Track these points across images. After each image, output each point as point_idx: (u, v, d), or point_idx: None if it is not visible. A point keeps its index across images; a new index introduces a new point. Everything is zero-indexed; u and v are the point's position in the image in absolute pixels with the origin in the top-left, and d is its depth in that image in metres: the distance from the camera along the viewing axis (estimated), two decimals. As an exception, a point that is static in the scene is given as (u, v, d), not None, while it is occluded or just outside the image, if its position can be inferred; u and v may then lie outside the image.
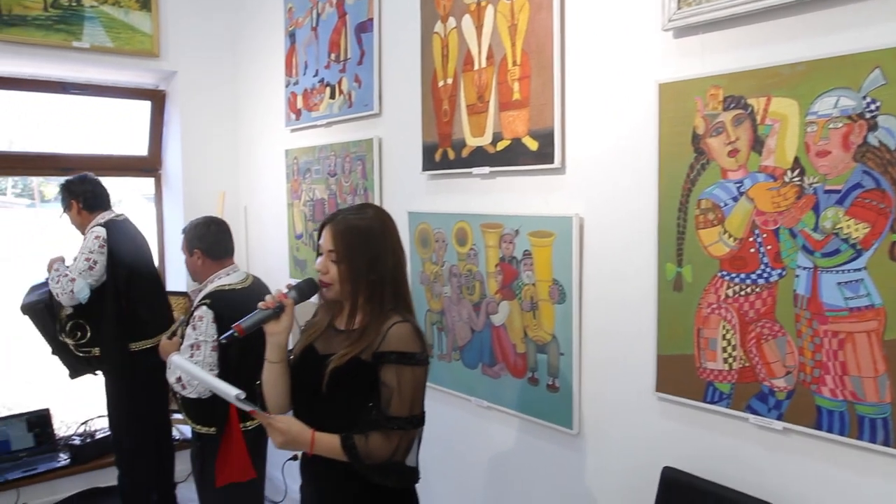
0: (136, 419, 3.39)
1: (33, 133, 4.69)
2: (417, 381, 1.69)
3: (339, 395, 1.67)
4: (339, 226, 1.71)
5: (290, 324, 1.75)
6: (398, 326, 1.67)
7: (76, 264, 3.15)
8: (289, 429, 1.63)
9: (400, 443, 1.65)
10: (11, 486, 3.68)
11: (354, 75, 3.01)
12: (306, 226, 3.46)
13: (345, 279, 1.70)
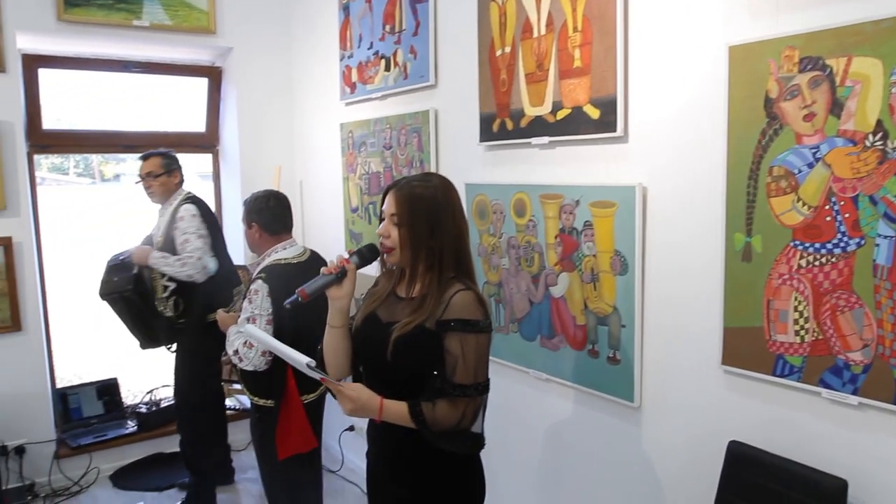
0: (200, 386, 3.51)
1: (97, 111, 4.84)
2: (481, 349, 1.68)
3: (403, 362, 1.68)
4: (403, 190, 1.71)
5: (352, 289, 1.77)
6: (461, 294, 1.67)
7: (192, 244, 3.24)
8: (358, 396, 1.65)
9: (466, 410, 1.66)
10: (84, 451, 3.85)
11: (410, 47, 2.99)
12: (362, 199, 3.48)
13: (405, 243, 1.70)
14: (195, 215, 3.32)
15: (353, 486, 3.75)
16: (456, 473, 1.77)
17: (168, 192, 3.44)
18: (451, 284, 1.70)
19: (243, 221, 2.83)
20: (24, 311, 3.60)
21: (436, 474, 1.75)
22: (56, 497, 3.68)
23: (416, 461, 1.74)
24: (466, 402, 1.65)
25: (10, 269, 3.52)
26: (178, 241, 3.28)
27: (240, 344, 2.59)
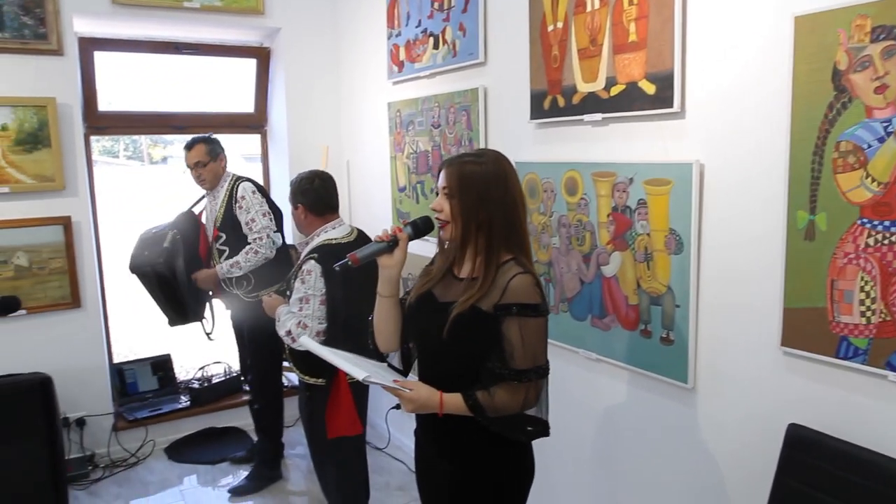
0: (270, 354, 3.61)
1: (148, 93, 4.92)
2: (540, 332, 1.67)
3: (460, 342, 1.68)
4: (454, 164, 1.71)
5: (402, 258, 1.78)
6: (519, 278, 1.65)
7: (258, 223, 3.33)
8: (418, 396, 1.66)
9: (527, 395, 1.65)
10: (140, 424, 3.98)
11: (459, 24, 2.96)
12: (409, 178, 3.48)
13: (456, 216, 1.69)
14: (255, 192, 3.41)
15: (400, 464, 3.80)
16: (505, 451, 1.76)
17: (217, 176, 3.52)
18: (509, 267, 1.68)
19: (290, 202, 2.85)
20: (83, 289, 3.71)
21: (485, 452, 1.74)
22: (115, 468, 3.82)
23: (464, 439, 1.74)
24: (527, 387, 1.65)
25: (69, 247, 3.63)
26: (243, 220, 3.36)
27: (293, 324, 2.61)
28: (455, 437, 1.75)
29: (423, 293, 1.80)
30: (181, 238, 3.50)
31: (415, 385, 1.68)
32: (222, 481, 3.70)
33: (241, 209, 3.37)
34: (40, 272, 3.58)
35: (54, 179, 3.54)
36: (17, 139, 3.44)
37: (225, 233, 3.44)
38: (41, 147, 3.49)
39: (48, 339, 3.61)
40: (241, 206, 3.37)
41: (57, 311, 3.64)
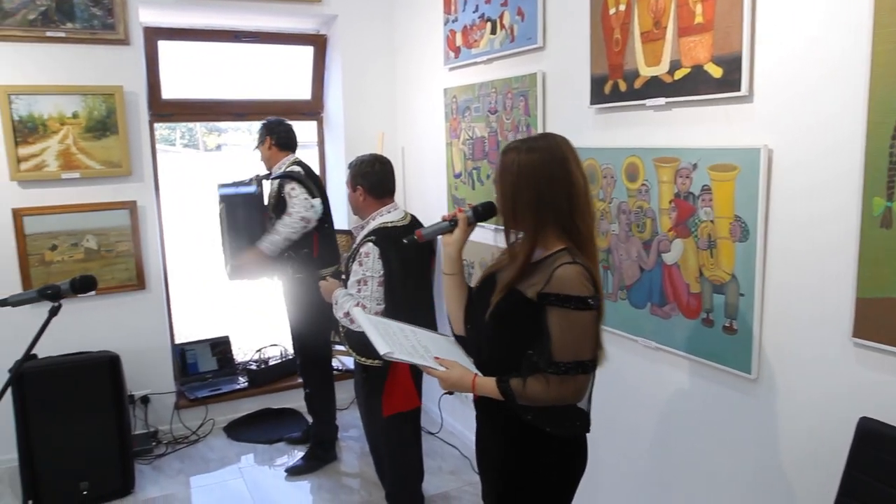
0: (322, 338, 3.72)
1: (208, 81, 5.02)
2: (583, 327, 1.61)
3: (501, 328, 1.68)
4: (505, 151, 1.71)
5: (461, 238, 1.82)
6: (565, 268, 1.60)
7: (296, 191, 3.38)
8: (448, 376, 1.68)
9: (562, 389, 1.61)
10: (201, 403, 4.10)
11: (517, 8, 2.94)
12: (465, 164, 3.48)
13: (500, 201, 1.70)
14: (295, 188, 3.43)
15: (452, 449, 3.83)
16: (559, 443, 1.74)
17: (269, 160, 3.63)
18: (559, 256, 1.64)
19: (347, 184, 2.88)
20: (148, 271, 3.83)
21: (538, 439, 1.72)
22: (177, 444, 3.95)
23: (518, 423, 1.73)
24: (563, 380, 1.61)
25: (135, 231, 3.75)
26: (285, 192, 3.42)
27: (351, 306, 2.65)
28: (508, 424, 1.74)
29: (487, 276, 1.81)
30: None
31: (451, 364, 1.69)
32: (278, 461, 3.79)
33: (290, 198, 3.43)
34: (108, 254, 3.72)
35: (121, 165, 3.66)
36: (86, 126, 3.57)
37: (275, 214, 3.51)
38: (109, 134, 3.61)
39: (115, 318, 3.75)
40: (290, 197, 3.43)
41: (123, 292, 3.77)
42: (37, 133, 3.48)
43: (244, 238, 3.45)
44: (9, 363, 3.26)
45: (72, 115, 3.53)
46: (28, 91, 3.43)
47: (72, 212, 3.61)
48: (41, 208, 3.54)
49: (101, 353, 3.43)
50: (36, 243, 3.55)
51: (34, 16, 3.41)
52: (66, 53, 3.50)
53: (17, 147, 3.44)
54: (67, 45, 3.50)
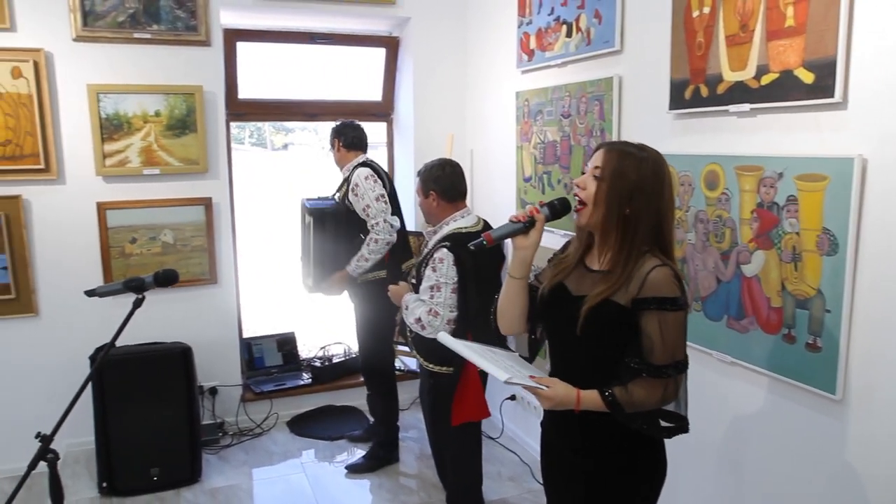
0: (384, 340, 3.74)
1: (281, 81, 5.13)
2: (679, 327, 1.62)
3: (594, 337, 1.65)
4: (615, 149, 1.66)
5: (538, 240, 1.74)
6: (658, 270, 1.60)
7: (373, 209, 3.41)
8: (555, 394, 1.63)
9: (666, 391, 1.61)
10: (266, 397, 4.19)
11: (594, 11, 2.89)
12: (536, 168, 3.44)
13: (601, 201, 1.64)
14: (368, 177, 3.47)
15: (512, 455, 3.79)
16: (639, 448, 1.72)
17: (339, 161, 3.69)
18: (646, 259, 1.62)
19: (418, 193, 2.86)
20: (220, 266, 3.94)
21: (619, 448, 1.71)
22: (242, 436, 4.04)
23: (599, 435, 1.70)
24: (665, 383, 1.60)
25: (209, 226, 3.86)
26: (359, 207, 3.44)
27: (423, 312, 2.64)
28: (589, 433, 1.72)
29: (556, 285, 1.76)
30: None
31: (552, 382, 1.66)
32: (339, 457, 3.83)
33: (356, 196, 3.46)
34: (183, 249, 3.83)
35: (198, 162, 3.77)
36: (167, 124, 3.69)
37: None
38: (188, 132, 3.73)
39: (188, 311, 3.86)
40: (356, 192, 3.46)
41: (196, 286, 3.88)
42: (122, 130, 3.62)
43: (329, 253, 3.50)
44: (89, 350, 3.43)
45: (154, 114, 3.66)
46: (115, 90, 3.57)
47: (151, 207, 3.74)
48: (123, 203, 3.69)
49: (174, 345, 3.54)
50: (117, 236, 3.69)
51: (123, 18, 3.55)
52: (150, 54, 3.63)
53: (103, 143, 3.58)
54: (152, 46, 3.63)
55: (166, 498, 3.39)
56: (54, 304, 3.63)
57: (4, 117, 3.38)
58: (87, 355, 3.41)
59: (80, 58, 3.52)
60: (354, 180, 3.47)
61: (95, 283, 3.63)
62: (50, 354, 3.63)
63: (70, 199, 3.60)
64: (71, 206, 3.60)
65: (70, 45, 3.50)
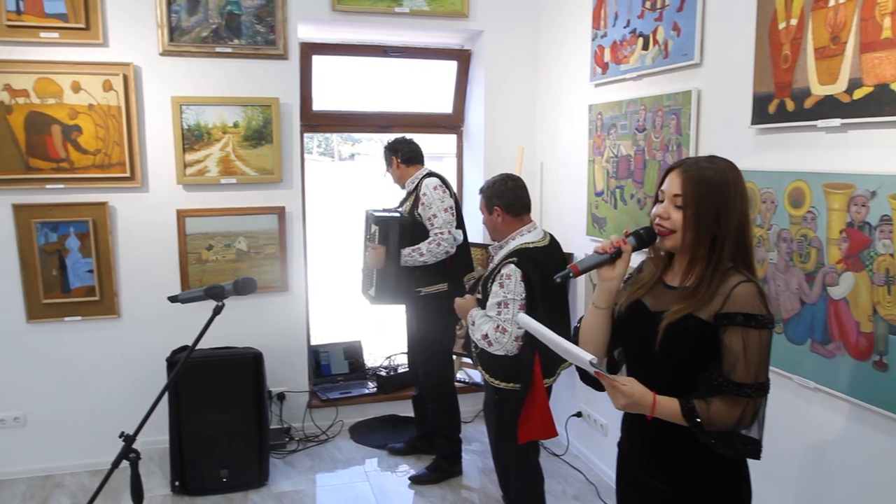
0: (443, 352, 3.74)
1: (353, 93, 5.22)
2: (764, 345, 1.56)
3: (673, 353, 1.60)
4: (691, 171, 1.61)
5: (624, 271, 1.71)
6: (744, 286, 1.55)
7: (439, 219, 3.44)
8: (633, 391, 1.58)
9: (745, 411, 1.54)
10: (331, 404, 4.24)
11: (673, 23, 2.83)
12: (608, 183, 3.39)
13: (689, 227, 1.60)
14: (437, 187, 3.50)
15: (577, 473, 3.72)
16: (721, 474, 1.66)
17: (401, 177, 3.71)
18: (730, 275, 1.58)
19: (482, 210, 2.85)
20: (291, 274, 4.02)
21: (699, 473, 1.65)
22: (307, 442, 4.10)
23: (677, 457, 1.65)
24: (746, 403, 1.54)
25: (282, 235, 3.95)
26: (425, 216, 3.46)
27: (490, 328, 2.61)
28: (665, 453, 1.67)
29: (633, 302, 1.73)
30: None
31: (629, 381, 1.61)
32: (402, 467, 3.84)
33: (423, 205, 3.48)
34: (256, 256, 3.93)
35: (273, 172, 3.87)
36: (245, 135, 3.80)
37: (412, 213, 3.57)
38: (264, 143, 3.83)
39: (259, 317, 3.95)
40: (423, 202, 3.48)
41: (268, 293, 3.97)
42: (202, 141, 3.75)
43: (394, 264, 3.49)
44: (166, 351, 3.56)
45: (233, 125, 3.77)
46: (197, 102, 3.71)
47: (227, 215, 3.85)
48: (201, 210, 3.81)
49: (246, 350, 3.63)
50: (195, 242, 3.82)
51: (206, 33, 3.68)
52: (231, 67, 3.76)
53: (184, 153, 3.72)
54: (233, 59, 3.75)
55: (235, 500, 3.46)
56: (134, 306, 3.78)
57: (95, 128, 3.55)
58: (164, 356, 3.54)
59: (165, 71, 3.67)
60: (423, 190, 3.50)
61: (173, 287, 3.77)
62: (129, 354, 3.78)
63: (152, 207, 3.75)
64: (153, 213, 3.75)
65: (156, 59, 3.65)
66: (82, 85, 3.51)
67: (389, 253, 3.47)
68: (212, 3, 3.66)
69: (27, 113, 3.46)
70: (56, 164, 3.54)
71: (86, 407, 3.76)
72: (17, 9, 3.40)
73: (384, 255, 3.44)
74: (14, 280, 3.58)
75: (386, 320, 4.10)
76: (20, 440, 3.70)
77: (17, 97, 3.44)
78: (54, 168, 3.54)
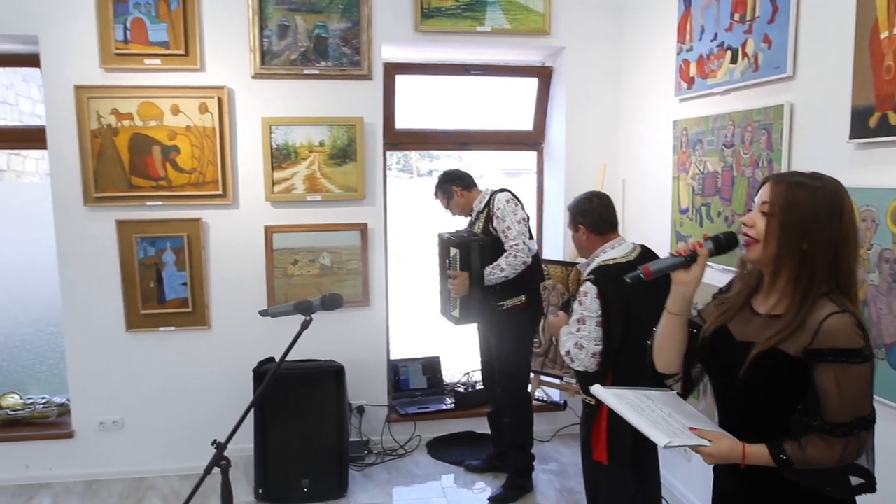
0: (524, 368, 3.75)
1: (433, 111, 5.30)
2: (863, 381, 1.45)
3: (758, 387, 1.53)
4: (783, 180, 1.53)
5: (699, 276, 1.64)
6: (836, 318, 1.44)
7: (513, 230, 3.46)
8: (718, 451, 1.52)
9: (846, 450, 1.44)
10: (410, 419, 4.28)
11: (763, 35, 2.74)
12: (693, 200, 3.30)
13: (772, 238, 1.51)
14: (509, 200, 3.52)
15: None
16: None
17: (465, 205, 3.74)
18: (822, 304, 1.47)
19: (569, 227, 2.88)
20: (372, 289, 4.10)
21: None
22: (385, 455, 4.14)
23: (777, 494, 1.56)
24: (846, 442, 1.44)
25: (364, 250, 4.03)
26: (500, 228, 3.49)
27: (571, 345, 2.65)
28: (766, 491, 1.58)
29: (719, 328, 1.65)
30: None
31: (715, 436, 1.54)
32: (478, 485, 3.83)
33: (498, 218, 3.51)
34: (339, 272, 4.03)
35: (356, 190, 3.97)
36: (330, 154, 3.92)
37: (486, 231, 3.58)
38: (348, 161, 3.94)
39: (341, 331, 4.03)
40: (497, 215, 3.51)
41: (350, 307, 4.05)
42: (289, 159, 3.89)
43: (478, 285, 3.51)
44: (253, 362, 3.69)
45: (319, 144, 3.90)
46: (286, 122, 3.86)
47: (312, 231, 3.97)
48: (287, 226, 3.95)
49: (328, 363, 3.71)
50: (281, 257, 3.95)
51: (295, 56, 3.83)
52: (317, 88, 3.89)
53: (273, 171, 3.87)
54: (320, 80, 3.88)
55: (315, 510, 3.54)
56: (224, 318, 3.94)
57: (192, 148, 3.74)
58: (250, 367, 3.67)
59: (256, 93, 3.84)
60: (496, 205, 3.52)
61: (261, 300, 3.91)
62: (218, 364, 3.94)
63: (242, 223, 3.91)
64: (242, 228, 3.91)
65: (248, 82, 3.83)
66: (181, 107, 3.72)
67: (473, 276, 3.50)
68: (301, 27, 3.81)
69: (131, 135, 3.70)
70: (156, 182, 3.75)
71: (177, 413, 3.94)
72: (124, 38, 3.65)
73: (468, 280, 3.47)
74: (116, 291, 3.80)
75: (464, 336, 4.11)
76: (118, 443, 3.91)
77: (122, 120, 3.68)
78: (154, 186, 3.75)
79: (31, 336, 4.13)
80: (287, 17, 3.81)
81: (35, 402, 4.01)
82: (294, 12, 3.81)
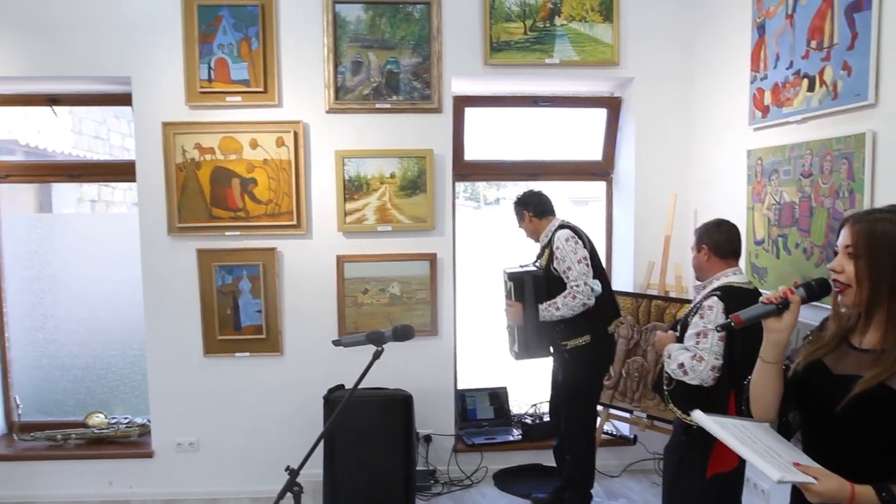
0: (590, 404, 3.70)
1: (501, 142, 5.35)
2: None
3: (858, 424, 1.48)
4: (862, 221, 1.52)
5: (792, 323, 1.61)
6: None
7: (574, 271, 3.42)
8: (826, 490, 1.46)
9: None
10: (476, 450, 4.26)
11: (842, 62, 2.67)
12: (769, 231, 3.20)
13: (863, 279, 1.49)
14: (569, 239, 3.47)
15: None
16: None
17: (534, 231, 3.72)
18: None
19: (692, 248, 2.93)
20: (441, 318, 4.13)
21: None
22: (452, 486, 4.13)
23: None
24: None
25: (433, 280, 4.08)
26: (560, 269, 3.46)
27: (686, 357, 2.65)
28: None
29: (813, 362, 1.61)
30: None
31: (821, 474, 1.48)
32: (545, 520, 3.77)
33: (558, 259, 3.47)
34: (408, 301, 4.09)
35: (426, 220, 4.04)
36: (400, 185, 4.01)
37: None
38: (418, 192, 4.02)
39: (409, 360, 4.07)
40: (557, 256, 3.47)
41: (418, 336, 4.02)
42: (361, 191, 3.99)
43: (532, 319, 3.51)
44: (323, 389, 3.76)
45: (389, 175, 4.00)
46: (358, 155, 3.97)
47: (382, 261, 4.05)
48: (358, 256, 4.04)
49: (396, 391, 3.75)
50: (352, 286, 4.04)
51: (367, 91, 3.96)
52: (389, 122, 4.00)
53: (345, 203, 3.98)
54: (391, 114, 3.99)
55: (382, 538, 3.55)
56: (296, 344, 4.05)
57: (268, 180, 3.90)
58: (321, 394, 3.74)
59: (330, 127, 3.98)
60: (556, 244, 3.49)
61: (332, 328, 4.00)
62: (290, 390, 4.04)
63: (315, 252, 4.02)
64: (315, 258, 4.02)
65: (323, 117, 3.97)
66: (259, 142, 3.89)
67: (526, 308, 3.50)
68: (373, 63, 3.94)
69: (213, 168, 3.88)
70: (234, 213, 3.92)
71: (249, 436, 4.04)
72: (208, 77, 3.85)
73: (521, 311, 3.48)
74: (195, 317, 3.97)
75: (531, 368, 4.08)
76: (193, 463, 4.04)
77: (205, 154, 3.87)
78: (232, 217, 3.92)
79: (117, 358, 4.34)
80: (360, 53, 3.94)
81: (119, 421, 4.19)
82: (367, 49, 3.94)
